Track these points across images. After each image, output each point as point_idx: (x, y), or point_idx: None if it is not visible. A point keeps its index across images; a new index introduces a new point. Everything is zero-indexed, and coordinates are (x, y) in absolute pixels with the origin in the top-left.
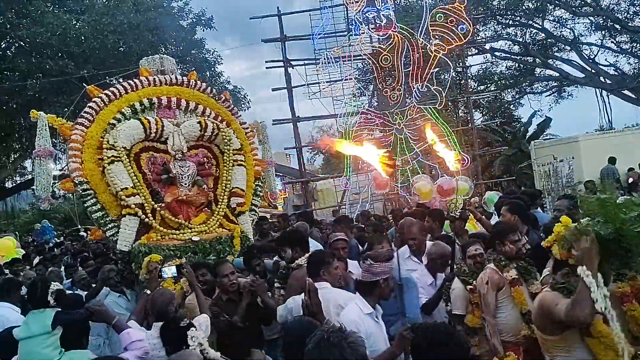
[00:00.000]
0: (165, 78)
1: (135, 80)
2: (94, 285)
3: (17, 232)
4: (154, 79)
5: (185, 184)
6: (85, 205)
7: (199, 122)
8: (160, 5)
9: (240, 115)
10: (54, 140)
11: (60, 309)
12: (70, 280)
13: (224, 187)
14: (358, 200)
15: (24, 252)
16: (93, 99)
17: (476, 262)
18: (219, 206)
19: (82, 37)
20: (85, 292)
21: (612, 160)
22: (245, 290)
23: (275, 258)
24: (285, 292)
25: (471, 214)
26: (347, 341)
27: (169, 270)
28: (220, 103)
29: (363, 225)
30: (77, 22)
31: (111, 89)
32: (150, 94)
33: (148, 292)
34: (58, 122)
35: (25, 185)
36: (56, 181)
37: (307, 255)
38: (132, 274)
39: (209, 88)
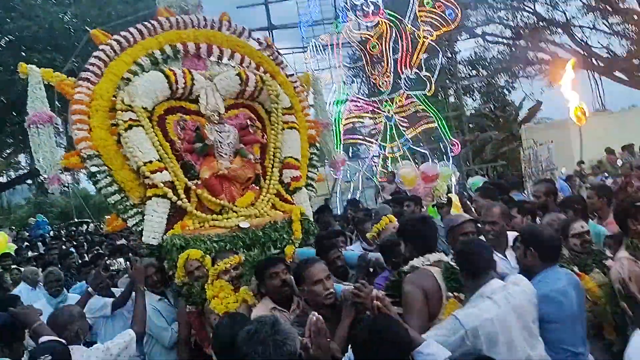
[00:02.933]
0: (191, 19)
1: (152, 21)
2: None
3: (13, 228)
4: (177, 20)
5: (226, 154)
6: (98, 186)
7: (238, 74)
8: None
9: (287, 66)
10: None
11: None
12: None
13: (273, 157)
14: (349, 188)
15: (16, 247)
16: (100, 47)
17: (584, 241)
18: (268, 181)
19: (71, 30)
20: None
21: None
22: (347, 302)
23: (351, 248)
24: (403, 308)
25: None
26: (273, 338)
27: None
28: (261, 50)
29: (351, 215)
30: (64, 15)
31: (123, 33)
32: (174, 39)
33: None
34: (56, 77)
35: (20, 180)
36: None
37: (428, 255)
38: (165, 275)
39: (247, 31)
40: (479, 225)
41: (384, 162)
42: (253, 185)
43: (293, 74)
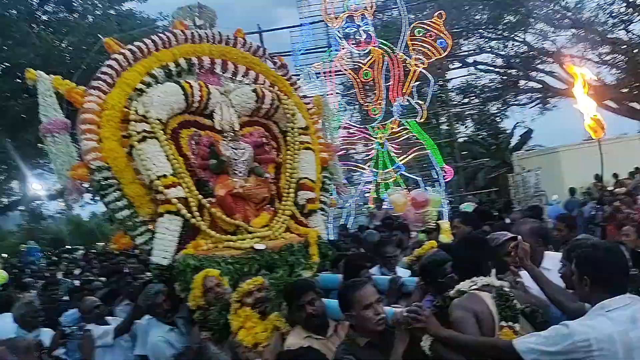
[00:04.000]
0: (206, 33)
1: (168, 33)
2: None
3: (5, 255)
4: (192, 33)
5: (240, 172)
6: (105, 200)
7: (254, 91)
8: (144, 25)
9: (300, 87)
10: None
11: None
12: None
13: (289, 178)
14: (342, 214)
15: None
16: (113, 56)
17: None
18: (284, 203)
19: (67, 57)
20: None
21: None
22: (400, 327)
23: (374, 270)
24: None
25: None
26: None
27: None
28: (275, 69)
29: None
30: (61, 42)
31: (137, 43)
32: (189, 52)
33: None
34: (65, 85)
35: (11, 206)
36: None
37: (475, 278)
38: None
39: (261, 49)
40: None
41: (376, 189)
42: (268, 205)
43: (306, 96)
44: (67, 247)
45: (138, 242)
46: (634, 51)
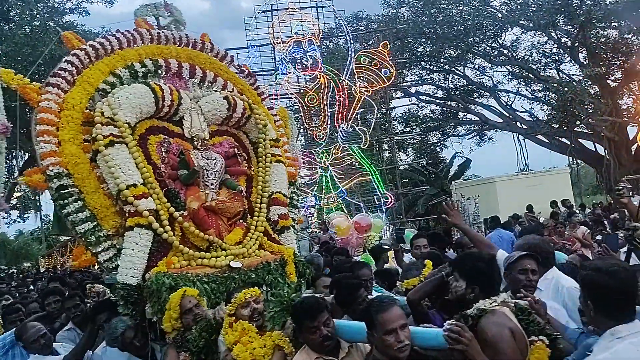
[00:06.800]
0: (173, 35)
1: (133, 32)
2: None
3: None
4: (159, 33)
5: (212, 184)
6: (65, 211)
7: (226, 99)
8: (85, 37)
9: (267, 97)
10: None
11: None
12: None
13: (261, 191)
14: None
15: None
16: (72, 52)
17: None
18: (257, 218)
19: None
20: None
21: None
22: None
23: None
24: (491, 354)
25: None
26: None
27: None
28: (243, 77)
29: None
30: None
31: (99, 39)
32: (155, 53)
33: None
34: (17, 80)
35: None
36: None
37: (494, 297)
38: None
39: (229, 56)
40: None
41: (319, 213)
42: (241, 221)
43: (273, 107)
44: None
45: (101, 259)
46: (564, 89)
